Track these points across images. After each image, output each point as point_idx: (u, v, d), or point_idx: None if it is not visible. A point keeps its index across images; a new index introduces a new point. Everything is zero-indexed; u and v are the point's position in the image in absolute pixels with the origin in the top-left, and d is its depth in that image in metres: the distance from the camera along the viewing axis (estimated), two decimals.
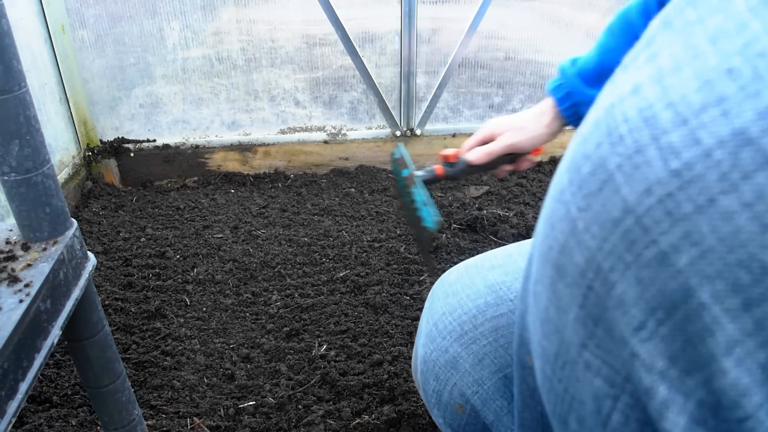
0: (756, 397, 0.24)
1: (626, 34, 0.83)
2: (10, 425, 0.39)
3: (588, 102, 0.85)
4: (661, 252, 0.25)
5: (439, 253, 1.48)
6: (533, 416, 0.44)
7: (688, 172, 0.24)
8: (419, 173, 0.94)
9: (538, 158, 0.97)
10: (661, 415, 0.27)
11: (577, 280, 0.29)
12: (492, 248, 1.34)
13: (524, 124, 0.92)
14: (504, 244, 1.44)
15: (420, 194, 0.88)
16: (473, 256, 0.75)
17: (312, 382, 1.05)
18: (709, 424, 0.26)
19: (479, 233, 1.59)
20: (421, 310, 1.25)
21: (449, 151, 0.95)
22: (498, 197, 1.80)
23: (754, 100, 0.23)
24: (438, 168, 0.95)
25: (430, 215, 0.84)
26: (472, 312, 0.62)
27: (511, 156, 0.92)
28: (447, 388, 0.62)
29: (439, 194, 1.82)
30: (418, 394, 1.02)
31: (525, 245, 0.67)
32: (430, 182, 0.95)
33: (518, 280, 0.60)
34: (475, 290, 0.63)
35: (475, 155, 0.93)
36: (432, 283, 1.34)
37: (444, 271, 0.77)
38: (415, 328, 1.20)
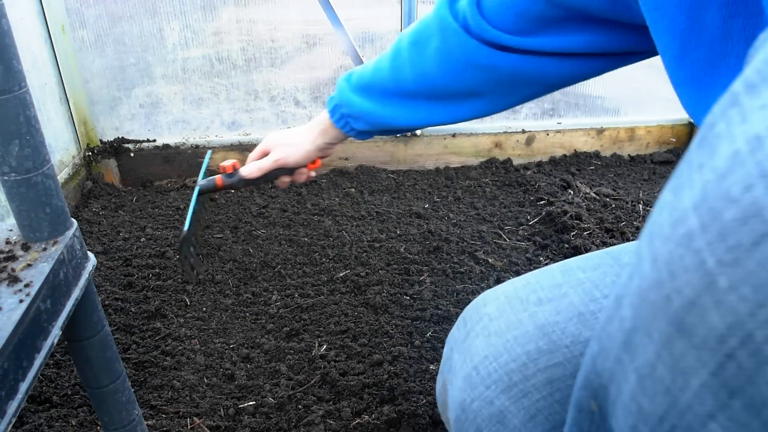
0: None
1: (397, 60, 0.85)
2: (10, 425, 0.39)
3: (358, 114, 0.86)
4: None
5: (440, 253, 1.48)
6: None
7: None
8: (202, 182, 1.01)
9: (313, 173, 1.01)
10: None
11: (712, 345, 0.26)
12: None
13: (294, 140, 0.95)
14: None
15: (192, 200, 0.97)
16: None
17: (312, 382, 1.05)
18: None
19: None
20: (421, 310, 1.25)
21: (228, 163, 1.01)
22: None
23: None
24: (218, 178, 1.01)
25: (186, 221, 0.94)
26: (521, 359, 0.55)
27: (290, 169, 0.97)
28: None
29: None
30: (419, 395, 1.02)
31: (573, 273, 0.61)
32: (210, 191, 1.02)
33: (572, 321, 0.55)
34: (523, 332, 0.56)
35: (248, 170, 0.99)
36: (432, 283, 1.34)
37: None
38: (415, 328, 1.20)
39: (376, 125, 0.87)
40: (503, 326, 0.58)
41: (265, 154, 1.00)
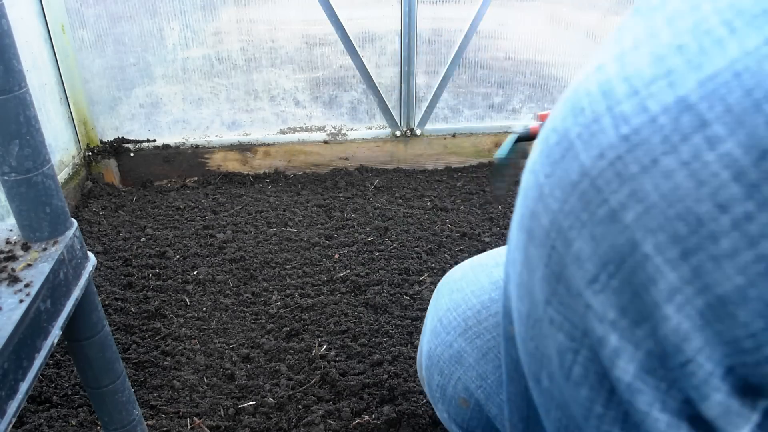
0: (695, 342, 0.27)
1: None
2: (10, 425, 0.39)
3: None
4: (611, 209, 0.28)
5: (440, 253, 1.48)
6: (518, 390, 0.45)
7: (635, 137, 0.27)
8: (518, 129, 1.03)
9: None
10: (613, 363, 0.30)
11: (543, 240, 0.32)
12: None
13: None
14: None
15: (506, 146, 1.01)
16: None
17: (312, 382, 1.05)
18: (658, 372, 0.28)
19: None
20: (421, 310, 1.25)
21: (546, 112, 0.97)
22: None
23: (696, 72, 0.26)
24: (533, 128, 1.00)
25: (500, 151, 1.00)
26: (476, 308, 0.63)
27: None
28: (451, 383, 0.63)
29: None
30: (419, 394, 1.02)
31: None
32: (525, 139, 1.02)
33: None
34: (479, 287, 0.64)
35: None
36: (432, 283, 1.34)
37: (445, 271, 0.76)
38: (415, 328, 1.20)
39: None
40: (464, 284, 0.66)
41: None
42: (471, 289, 0.65)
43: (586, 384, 0.32)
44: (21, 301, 0.44)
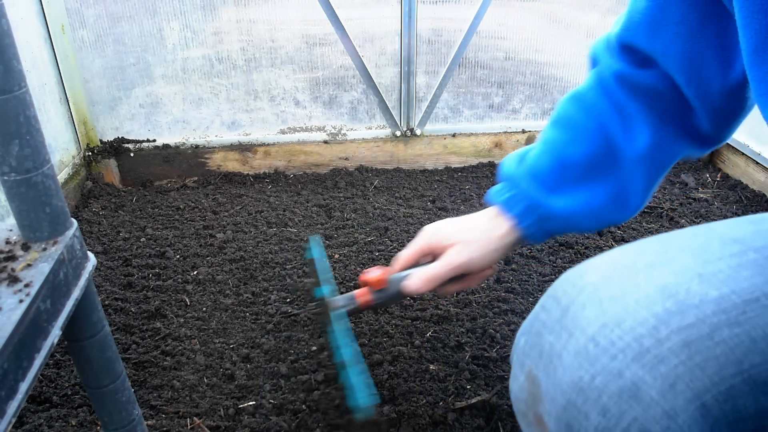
0: None
1: (585, 118, 0.74)
2: (10, 425, 0.39)
3: (554, 216, 0.72)
4: None
5: None
6: None
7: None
8: (340, 303, 0.70)
9: (492, 273, 0.79)
10: None
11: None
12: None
13: (474, 236, 0.76)
14: None
15: (345, 344, 0.60)
16: None
17: (312, 382, 1.05)
18: None
19: None
20: (421, 310, 1.25)
21: (374, 274, 0.74)
22: None
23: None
24: (361, 296, 0.71)
25: (361, 388, 0.56)
26: (650, 322, 0.48)
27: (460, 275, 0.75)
28: (621, 425, 0.47)
29: None
30: (419, 394, 1.01)
31: (670, 241, 0.56)
32: (351, 314, 0.74)
33: (693, 281, 0.50)
34: (644, 294, 0.50)
35: (416, 284, 0.75)
36: None
37: None
38: (415, 328, 1.20)
39: (576, 228, 0.74)
40: (617, 291, 0.51)
41: (427, 254, 0.80)
42: (633, 297, 0.50)
43: None
44: (21, 301, 0.44)
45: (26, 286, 0.45)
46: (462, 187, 1.88)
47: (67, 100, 1.79)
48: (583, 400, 0.48)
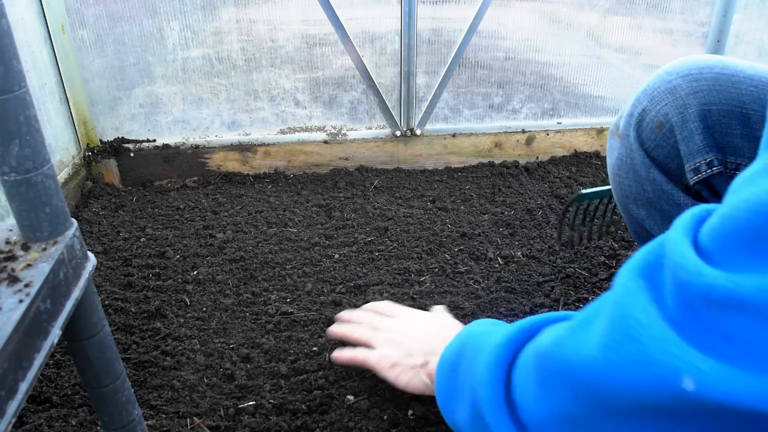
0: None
1: None
2: (10, 425, 0.39)
3: None
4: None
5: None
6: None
7: None
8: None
9: None
10: None
11: None
12: None
13: (415, 360, 0.91)
14: None
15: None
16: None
17: (312, 382, 1.05)
18: None
19: None
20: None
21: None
22: None
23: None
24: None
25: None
26: (700, 65, 0.78)
27: None
28: (656, 108, 0.80)
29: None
30: (419, 395, 1.01)
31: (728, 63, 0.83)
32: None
33: (746, 69, 0.77)
34: (705, 61, 0.80)
35: (337, 357, 1.00)
36: (433, 283, 1.34)
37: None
38: None
39: None
40: (685, 62, 0.81)
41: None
42: (696, 63, 0.80)
43: None
44: (21, 301, 0.44)
45: (26, 286, 0.46)
46: (462, 187, 1.88)
47: (67, 100, 1.79)
48: (643, 95, 0.84)
